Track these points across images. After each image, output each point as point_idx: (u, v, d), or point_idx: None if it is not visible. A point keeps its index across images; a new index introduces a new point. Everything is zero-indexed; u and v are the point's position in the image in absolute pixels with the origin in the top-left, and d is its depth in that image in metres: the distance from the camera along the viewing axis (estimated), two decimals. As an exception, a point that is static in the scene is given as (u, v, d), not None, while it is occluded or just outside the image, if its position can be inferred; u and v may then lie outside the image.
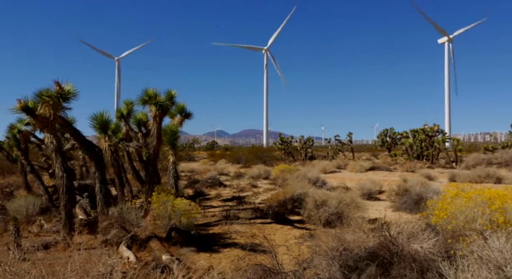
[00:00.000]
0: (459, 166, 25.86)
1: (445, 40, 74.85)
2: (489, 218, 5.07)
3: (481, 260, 3.88)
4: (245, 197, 14.41)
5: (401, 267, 4.83)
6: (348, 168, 26.62)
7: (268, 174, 21.62)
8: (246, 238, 8.10)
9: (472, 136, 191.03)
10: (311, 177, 16.39)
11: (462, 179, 16.77)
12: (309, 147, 40.80)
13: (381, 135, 44.01)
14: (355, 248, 5.27)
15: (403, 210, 10.88)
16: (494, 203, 5.25)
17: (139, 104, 10.07)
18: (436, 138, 31.20)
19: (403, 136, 38.24)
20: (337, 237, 5.67)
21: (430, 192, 10.96)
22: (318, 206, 9.59)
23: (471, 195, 5.56)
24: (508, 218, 5.06)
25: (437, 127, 32.29)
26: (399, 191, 12.35)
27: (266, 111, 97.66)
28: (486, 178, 16.62)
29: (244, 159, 34.21)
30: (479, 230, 4.95)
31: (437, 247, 5.15)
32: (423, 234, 5.37)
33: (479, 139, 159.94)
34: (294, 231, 8.98)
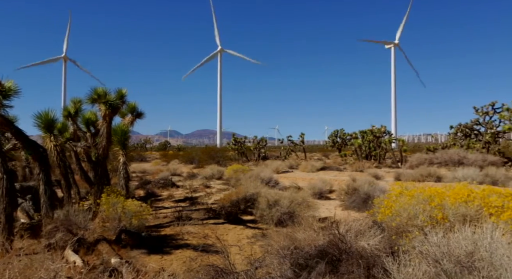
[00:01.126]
0: (404, 165, 27.20)
1: (392, 45, 78.41)
2: (429, 214, 5.38)
3: (422, 254, 4.11)
4: (198, 197, 14.29)
5: (349, 263, 5.01)
6: (300, 168, 27.15)
7: (221, 174, 21.58)
8: (199, 239, 8.04)
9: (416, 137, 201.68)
10: (264, 177, 16.55)
11: (406, 178, 17.67)
12: (262, 148, 41.19)
13: (332, 136, 45.34)
14: (305, 247, 5.40)
15: (352, 208, 11.26)
16: (434, 201, 5.58)
17: (87, 102, 9.68)
18: (383, 139, 32.62)
19: (352, 137, 39.66)
20: (288, 236, 5.78)
21: (377, 191, 11.44)
22: (271, 206, 9.71)
23: (413, 193, 5.88)
24: (446, 214, 5.40)
25: (384, 128, 33.77)
26: (348, 190, 12.79)
27: (219, 111, 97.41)
28: (428, 177, 17.60)
29: (197, 159, 33.89)
30: (420, 226, 5.25)
31: (382, 244, 5.40)
32: (370, 232, 5.60)
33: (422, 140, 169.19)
34: (246, 231, 9.03)
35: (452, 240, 4.09)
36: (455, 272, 3.66)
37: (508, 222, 4.82)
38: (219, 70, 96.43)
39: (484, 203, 5.41)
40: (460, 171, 16.79)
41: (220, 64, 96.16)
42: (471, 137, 31.64)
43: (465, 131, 31.92)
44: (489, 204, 5.36)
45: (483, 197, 5.55)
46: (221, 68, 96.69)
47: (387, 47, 79.13)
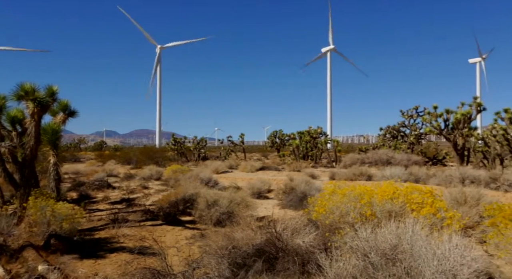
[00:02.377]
0: (338, 165, 28.44)
1: (328, 49, 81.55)
2: (359, 211, 5.73)
3: (352, 249, 4.38)
4: (135, 199, 13.87)
5: (285, 261, 5.19)
6: (240, 168, 27.35)
7: (160, 175, 21.12)
8: (135, 242, 7.84)
9: (349, 138, 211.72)
10: (203, 178, 16.48)
11: (340, 177, 18.51)
12: (202, 148, 40.90)
13: (271, 137, 46.18)
14: (243, 246, 5.49)
15: (289, 207, 11.58)
16: (364, 198, 5.95)
17: (13, 99, 9.00)
18: (320, 140, 33.86)
19: (290, 137, 40.71)
20: (227, 236, 5.84)
21: (313, 190, 11.87)
22: (210, 206, 9.71)
23: (345, 192, 6.21)
24: (374, 211, 5.78)
25: (320, 129, 35.08)
26: (286, 190, 13.13)
27: (159, 111, 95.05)
28: (360, 175, 18.58)
29: (135, 159, 32.82)
30: (351, 223, 5.57)
31: (317, 241, 5.64)
32: (305, 229, 5.83)
33: (355, 141, 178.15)
34: (185, 231, 8.95)
35: (379, 235, 4.40)
36: (381, 264, 3.94)
37: (427, 217, 5.28)
38: (158, 68, 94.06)
39: (407, 200, 5.87)
40: (388, 170, 17.91)
41: (157, 61, 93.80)
42: (398, 138, 33.87)
43: (393, 132, 34.10)
44: (411, 201, 5.82)
45: (406, 194, 6.01)
46: (161, 67, 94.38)
47: (324, 51, 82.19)
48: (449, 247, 3.89)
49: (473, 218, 7.30)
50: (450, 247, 3.88)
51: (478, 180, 14.85)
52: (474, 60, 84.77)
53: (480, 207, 7.81)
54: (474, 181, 14.81)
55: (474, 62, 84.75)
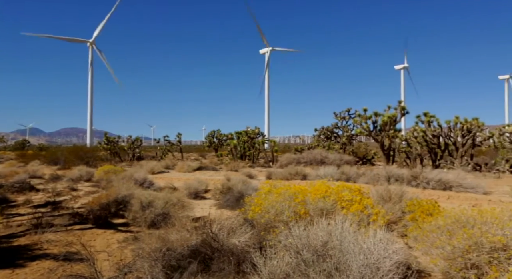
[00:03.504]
0: (275, 165, 29.03)
1: (266, 51, 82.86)
2: (293, 210, 5.90)
3: (286, 247, 4.50)
4: (62, 201, 13.06)
5: (220, 261, 5.19)
6: (177, 168, 26.88)
7: (91, 176, 20.10)
8: (61, 247, 7.38)
9: (286, 138, 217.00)
10: (138, 178, 15.97)
11: (276, 176, 18.90)
12: (137, 147, 39.59)
13: (208, 136, 45.93)
14: (178, 247, 5.41)
15: (226, 207, 11.60)
16: (298, 197, 6.14)
17: None
18: (257, 140, 34.31)
19: (228, 137, 40.81)
20: (161, 238, 5.71)
21: (250, 190, 12.00)
22: (144, 208, 9.43)
23: (280, 191, 6.36)
24: (308, 209, 5.99)
25: (257, 129, 35.54)
26: (223, 190, 13.14)
27: (90, 108, 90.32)
28: (295, 175, 19.10)
29: (63, 160, 30.90)
30: (285, 221, 5.72)
31: (252, 240, 5.72)
32: (241, 229, 5.88)
33: (291, 141, 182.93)
34: (117, 235, 8.60)
35: (311, 232, 4.57)
36: (312, 261, 4.10)
37: (355, 214, 5.58)
38: (90, 65, 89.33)
39: (338, 198, 6.16)
40: (322, 170, 18.62)
41: (91, 59, 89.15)
42: (331, 139, 35.34)
43: (326, 133, 35.52)
44: (341, 199, 6.12)
45: (338, 193, 6.31)
46: (93, 64, 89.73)
47: (262, 52, 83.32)
48: (374, 241, 4.15)
49: (396, 214, 7.82)
50: (375, 242, 4.14)
51: (402, 178, 15.95)
52: (399, 66, 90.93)
53: (403, 203, 8.39)
54: (398, 179, 15.89)
55: (399, 69, 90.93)
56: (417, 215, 6.44)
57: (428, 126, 25.73)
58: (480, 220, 5.13)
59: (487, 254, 4.62)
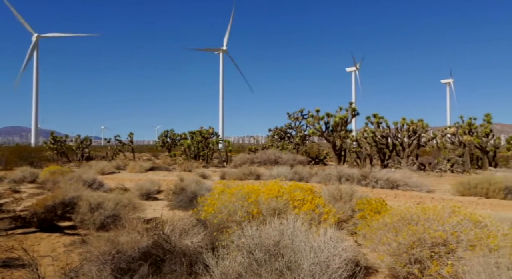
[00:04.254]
0: (229, 165, 29.00)
1: (220, 51, 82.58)
2: (246, 210, 5.92)
3: (238, 247, 4.50)
4: (2, 204, 12.27)
5: (172, 263, 5.11)
6: (128, 168, 26.12)
7: (35, 177, 19.05)
8: (0, 253, 6.93)
9: (240, 138, 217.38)
10: (87, 179, 15.34)
11: (230, 176, 18.89)
12: (86, 147, 38.07)
13: (162, 136, 45.08)
14: (129, 250, 5.26)
15: (179, 208, 11.43)
16: (251, 197, 6.17)
17: None
18: (211, 140, 34.11)
19: (182, 137, 40.26)
20: (110, 241, 5.52)
21: (203, 190, 11.90)
22: (93, 209, 9.08)
23: (233, 191, 6.36)
24: (261, 209, 6.04)
25: (212, 129, 35.34)
26: (176, 190, 12.93)
27: (35, 106, 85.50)
28: (249, 175, 19.19)
29: (4, 160, 29.04)
30: (239, 221, 5.73)
31: (205, 240, 5.67)
32: (193, 230, 5.81)
33: (245, 141, 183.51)
34: (63, 238, 8.22)
35: (263, 232, 4.60)
36: (264, 260, 4.14)
37: (307, 213, 5.69)
38: (35, 59, 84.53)
39: (290, 198, 6.26)
40: (275, 170, 18.85)
41: (36, 54, 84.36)
42: (285, 139, 35.86)
43: (280, 133, 36.00)
44: (294, 198, 6.23)
45: (290, 192, 6.41)
46: (38, 58, 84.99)
47: (216, 53, 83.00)
48: (324, 240, 4.26)
49: (346, 212, 8.07)
50: (325, 240, 4.25)
51: (352, 178, 16.50)
52: (350, 69, 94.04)
53: (353, 202, 8.67)
54: (349, 178, 16.42)
55: (350, 71, 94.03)
56: (366, 213, 6.69)
57: (377, 127, 26.80)
58: (423, 217, 5.41)
59: (429, 249, 4.88)
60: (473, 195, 13.55)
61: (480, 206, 11.53)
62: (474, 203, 12.18)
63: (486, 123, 27.14)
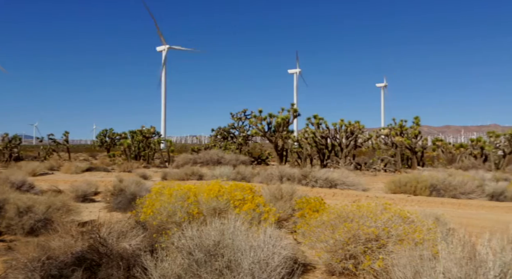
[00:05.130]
0: (171, 165, 28.47)
1: (163, 49, 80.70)
2: (186, 210, 5.86)
3: (178, 249, 4.44)
4: None
5: (109, 267, 4.92)
6: (63, 169, 24.73)
7: (-47, 180, 17.38)
8: None
9: (183, 138, 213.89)
10: (15, 181, 14.28)
11: (172, 177, 18.57)
12: (15, 147, 35.45)
13: (100, 136, 43.19)
14: (61, 255, 4.99)
15: (118, 210, 11.04)
16: (191, 197, 6.11)
17: None
18: (153, 140, 33.27)
19: (121, 137, 38.85)
20: (40, 246, 5.20)
21: (143, 191, 11.58)
22: (22, 213, 8.47)
23: (173, 192, 6.27)
24: (201, 209, 6.00)
25: (153, 129, 34.48)
26: (114, 191, 12.45)
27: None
28: (191, 175, 18.99)
29: None
30: (179, 222, 5.65)
31: (144, 243, 5.52)
32: (132, 232, 5.63)
33: (188, 141, 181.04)
34: (-14, 246, 7.59)
35: (204, 232, 4.58)
36: (204, 261, 4.12)
37: (248, 212, 5.75)
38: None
39: (231, 197, 6.29)
40: (218, 170, 18.82)
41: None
42: (228, 139, 35.91)
43: (223, 134, 36.00)
44: (234, 198, 6.26)
45: (231, 192, 6.44)
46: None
47: (159, 50, 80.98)
48: (264, 238, 4.33)
49: (287, 211, 8.25)
50: (265, 239, 4.32)
51: (293, 177, 16.92)
52: (293, 71, 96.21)
53: (293, 201, 8.89)
54: (290, 178, 16.82)
55: (293, 73, 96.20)
56: (306, 212, 6.89)
57: (317, 128, 27.71)
58: (358, 214, 5.68)
59: (363, 244, 5.14)
60: (403, 193, 14.47)
61: (409, 203, 12.34)
62: (404, 200, 13.02)
63: (415, 125, 29.10)
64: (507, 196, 13.90)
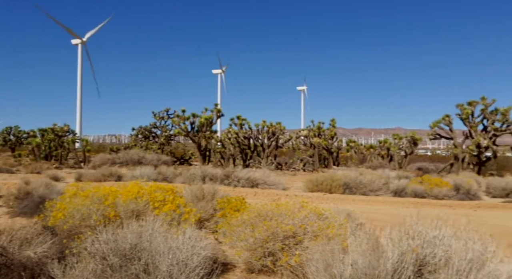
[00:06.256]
0: (87, 166, 26.82)
1: (79, 42, 75.82)
2: (102, 213, 5.55)
3: (91, 254, 4.19)
4: None
5: (8, 278, 4.49)
6: (-44, 171, 22.04)
7: None
8: None
9: (101, 137, 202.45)
10: None
11: (88, 178, 17.50)
12: None
13: (3, 133, 39.24)
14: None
15: (23, 215, 10.12)
16: (108, 199, 5.81)
17: None
18: (66, 139, 31.08)
19: (30, 135, 35.68)
20: None
21: (54, 193, 10.74)
22: None
23: (88, 194, 5.90)
24: (118, 212, 5.73)
25: (67, 127, 32.21)
26: (19, 195, 11.38)
27: None
28: (109, 176, 18.09)
29: None
30: (93, 226, 5.33)
31: (53, 250, 5.12)
32: (38, 238, 5.19)
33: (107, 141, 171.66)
34: None
35: (120, 235, 4.38)
36: (120, 265, 3.94)
37: (168, 213, 5.63)
38: None
39: (150, 198, 6.10)
40: (138, 170, 18.17)
41: None
42: (149, 139, 34.82)
43: (145, 133, 34.82)
44: (154, 199, 6.08)
45: (150, 193, 6.24)
46: None
47: (74, 42, 75.82)
48: (183, 240, 4.26)
49: (208, 211, 8.22)
50: (184, 240, 4.26)
51: (216, 177, 16.92)
52: (217, 71, 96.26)
53: (215, 201, 8.88)
54: (213, 178, 16.79)
55: (216, 73, 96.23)
56: (227, 211, 6.92)
57: (240, 128, 28.04)
58: (277, 212, 5.85)
59: (281, 242, 5.30)
60: (320, 191, 15.24)
61: (324, 201, 13.02)
62: (320, 198, 13.70)
63: (331, 127, 30.83)
64: (407, 192, 15.35)
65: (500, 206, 14.13)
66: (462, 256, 3.67)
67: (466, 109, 26.54)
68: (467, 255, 3.67)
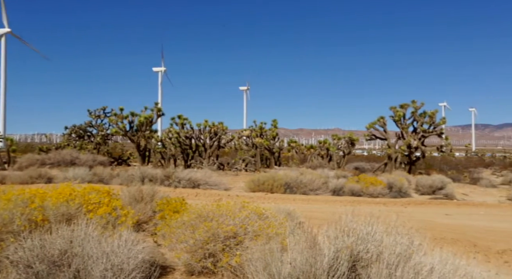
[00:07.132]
0: (12, 167, 24.90)
1: (3, 32, 70.09)
2: (28, 217, 5.15)
3: (13, 263, 3.86)
4: None
5: None
6: None
7: None
8: None
9: (29, 136, 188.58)
10: None
11: (13, 180, 16.24)
12: None
13: None
14: None
15: None
16: (35, 202, 5.40)
17: None
18: (-11, 137, 28.62)
19: None
20: None
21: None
22: None
23: (10, 197, 5.45)
24: (47, 215, 5.35)
25: (-10, 125, 29.67)
26: None
27: None
28: (38, 178, 16.94)
29: None
30: (17, 231, 4.92)
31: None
32: None
33: (36, 140, 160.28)
34: None
35: (48, 241, 4.08)
36: (47, 273, 3.66)
37: (103, 216, 5.35)
38: None
39: (84, 201, 5.76)
40: (71, 171, 17.22)
41: None
42: (84, 138, 33.12)
43: (79, 132, 33.07)
44: (88, 202, 5.76)
45: (84, 195, 5.90)
46: None
47: (0, 33, 69.96)
48: (119, 243, 4.07)
49: (147, 213, 7.96)
50: (120, 243, 4.07)
51: (156, 178, 16.47)
52: (158, 69, 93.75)
53: (154, 202, 8.62)
54: (152, 179, 16.32)
55: (157, 71, 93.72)
56: (166, 213, 6.74)
57: (181, 128, 27.57)
58: (218, 213, 5.79)
59: (221, 242, 5.26)
60: (262, 191, 15.40)
61: (266, 200, 13.18)
62: (262, 198, 13.84)
63: (273, 127, 31.31)
64: (345, 191, 16.02)
65: (427, 202, 15.22)
66: (391, 251, 3.87)
67: (399, 112, 28.26)
68: (395, 249, 3.88)
